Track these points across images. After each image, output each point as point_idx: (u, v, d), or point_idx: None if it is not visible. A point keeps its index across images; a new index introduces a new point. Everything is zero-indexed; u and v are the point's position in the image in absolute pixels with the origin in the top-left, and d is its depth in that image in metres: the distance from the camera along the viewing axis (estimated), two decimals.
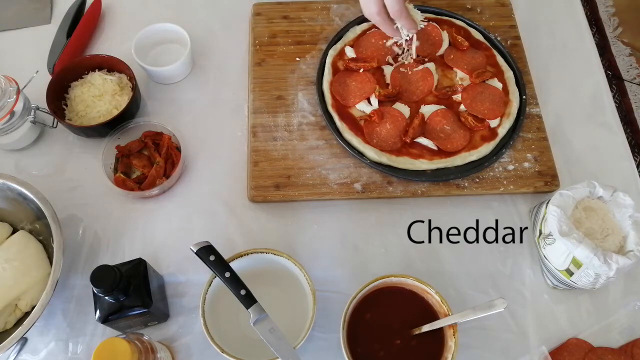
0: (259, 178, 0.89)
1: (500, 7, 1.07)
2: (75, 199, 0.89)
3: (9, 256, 0.79)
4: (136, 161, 0.90)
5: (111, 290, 0.68)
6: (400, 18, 0.85)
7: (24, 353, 0.79)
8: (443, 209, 0.89)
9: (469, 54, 0.98)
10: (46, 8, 1.08)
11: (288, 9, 1.04)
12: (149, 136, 0.92)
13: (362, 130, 0.91)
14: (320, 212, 0.89)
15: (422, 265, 0.86)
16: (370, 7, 0.85)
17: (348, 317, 0.73)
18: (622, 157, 0.96)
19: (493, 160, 0.90)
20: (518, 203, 0.90)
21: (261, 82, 0.97)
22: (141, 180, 0.89)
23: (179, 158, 0.89)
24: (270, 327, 0.70)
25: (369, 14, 0.86)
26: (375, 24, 0.90)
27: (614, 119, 0.99)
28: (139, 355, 0.64)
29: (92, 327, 0.80)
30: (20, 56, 1.03)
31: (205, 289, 0.75)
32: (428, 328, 0.73)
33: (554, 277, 0.82)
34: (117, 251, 0.85)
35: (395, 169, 0.89)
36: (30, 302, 0.79)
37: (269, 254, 0.78)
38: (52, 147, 0.94)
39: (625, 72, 1.88)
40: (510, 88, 0.95)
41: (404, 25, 0.88)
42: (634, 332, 0.82)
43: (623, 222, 0.78)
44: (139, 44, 0.97)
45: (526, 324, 0.82)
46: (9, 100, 0.84)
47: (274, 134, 0.93)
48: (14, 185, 0.79)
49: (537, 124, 0.95)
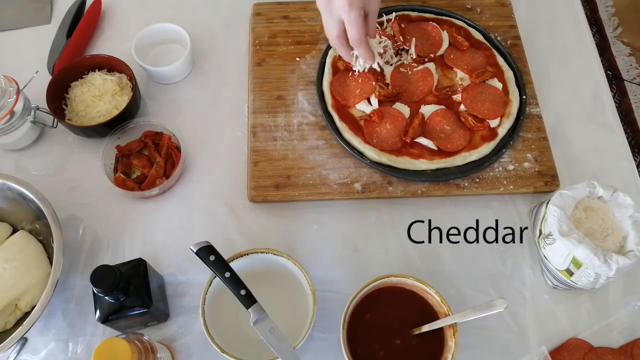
0: (259, 178, 0.89)
1: (500, 7, 1.07)
2: (75, 199, 0.89)
3: (9, 256, 0.79)
4: (136, 161, 0.90)
5: (111, 290, 0.68)
6: (359, 47, 0.83)
7: (24, 353, 0.79)
8: (443, 209, 0.89)
9: (469, 54, 0.98)
10: (46, 8, 1.08)
11: (288, 9, 1.04)
12: (149, 136, 0.92)
13: (362, 130, 0.91)
14: (320, 212, 0.89)
15: (422, 265, 0.86)
16: (331, 29, 0.83)
17: (348, 317, 0.73)
18: (622, 157, 0.96)
19: (493, 160, 0.90)
20: (518, 203, 0.90)
21: (261, 82, 0.97)
22: (141, 180, 0.89)
23: (179, 158, 0.89)
24: (270, 327, 0.69)
25: (329, 36, 0.85)
26: None
27: (614, 119, 0.99)
28: (139, 355, 0.64)
29: (92, 327, 0.80)
30: (20, 56, 1.03)
31: (205, 289, 0.75)
32: (428, 328, 0.73)
33: (554, 277, 0.82)
34: (117, 251, 0.85)
35: (395, 169, 0.89)
36: (30, 302, 0.79)
37: (269, 254, 0.78)
38: (52, 147, 0.94)
39: (625, 72, 1.88)
40: (510, 88, 0.95)
41: (360, 54, 0.86)
42: (634, 332, 0.82)
43: (623, 222, 0.78)
44: (139, 44, 0.97)
45: (526, 324, 0.82)
46: (9, 100, 0.84)
47: (274, 134, 0.93)
48: (14, 185, 0.79)
49: (537, 124, 0.95)
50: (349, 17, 0.79)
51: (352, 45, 0.84)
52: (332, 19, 0.82)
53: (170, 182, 0.88)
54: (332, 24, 0.82)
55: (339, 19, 0.81)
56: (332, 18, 0.81)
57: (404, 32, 0.99)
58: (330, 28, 0.83)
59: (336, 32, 0.83)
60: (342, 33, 0.83)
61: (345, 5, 0.77)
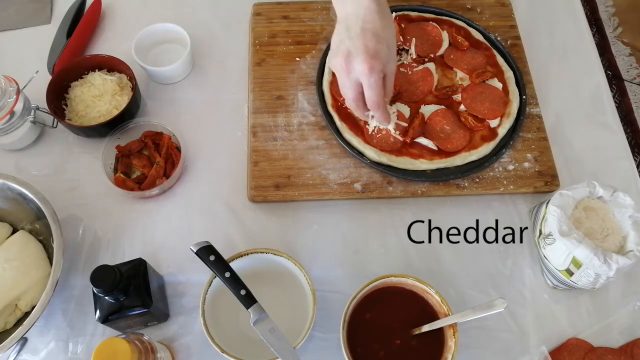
0: (259, 178, 0.89)
1: (500, 7, 1.07)
2: (75, 199, 0.89)
3: (9, 256, 0.79)
4: (136, 161, 0.90)
5: (111, 290, 0.68)
6: (377, 110, 0.80)
7: (24, 353, 0.79)
8: (443, 209, 0.89)
9: (469, 54, 0.98)
10: (46, 8, 1.08)
11: (288, 9, 1.04)
12: (149, 136, 0.92)
13: (362, 130, 0.91)
14: (320, 212, 0.89)
15: (422, 265, 0.86)
16: (348, 92, 0.80)
17: (348, 317, 0.73)
18: (622, 157, 0.96)
19: (493, 160, 0.90)
20: (518, 203, 0.90)
21: (261, 82, 0.97)
22: (141, 180, 0.89)
23: (179, 158, 0.89)
24: (270, 327, 0.69)
25: (346, 98, 0.82)
26: None
27: (614, 119, 0.99)
28: (139, 355, 0.64)
29: (92, 327, 0.80)
30: (20, 56, 1.03)
31: (205, 289, 0.75)
32: (428, 328, 0.73)
33: (554, 277, 0.82)
34: (117, 251, 0.85)
35: (395, 169, 0.89)
36: (30, 302, 0.79)
37: (269, 254, 0.78)
38: (52, 147, 0.94)
39: (625, 72, 1.88)
40: (510, 88, 0.95)
41: (377, 118, 0.84)
42: (634, 332, 0.82)
43: (623, 222, 0.78)
44: (139, 44, 0.97)
45: (526, 324, 0.82)
46: (9, 100, 0.84)
47: (274, 134, 0.93)
48: (14, 185, 0.79)
49: (537, 124, 0.95)
50: (368, 81, 0.75)
51: (370, 108, 0.80)
52: (349, 81, 0.78)
53: (171, 182, 0.88)
54: (350, 87, 0.79)
55: (357, 82, 0.78)
56: (350, 81, 0.78)
57: (404, 32, 0.99)
58: (347, 91, 0.80)
59: (353, 94, 0.79)
60: (359, 95, 0.79)
61: (365, 69, 0.74)
